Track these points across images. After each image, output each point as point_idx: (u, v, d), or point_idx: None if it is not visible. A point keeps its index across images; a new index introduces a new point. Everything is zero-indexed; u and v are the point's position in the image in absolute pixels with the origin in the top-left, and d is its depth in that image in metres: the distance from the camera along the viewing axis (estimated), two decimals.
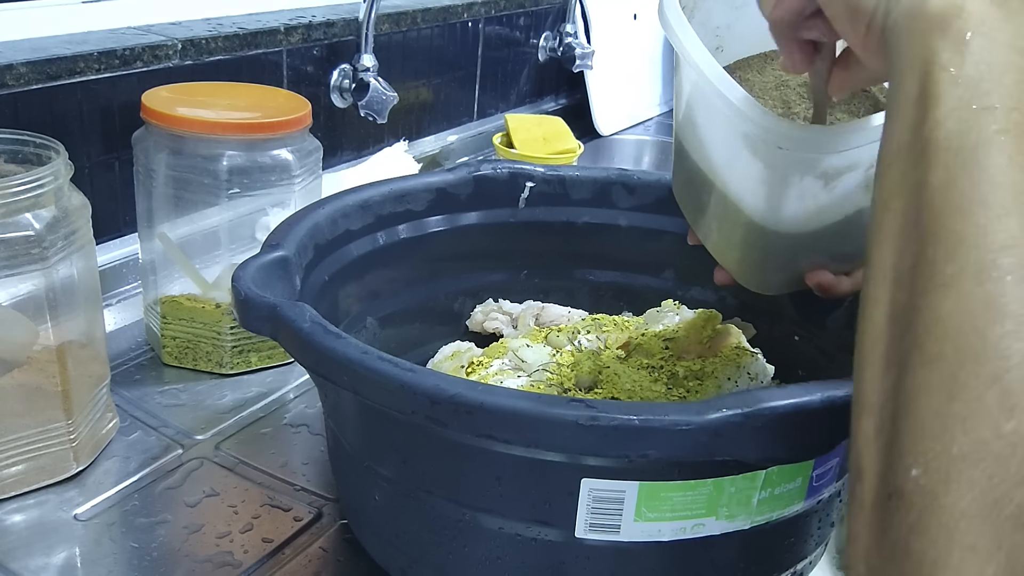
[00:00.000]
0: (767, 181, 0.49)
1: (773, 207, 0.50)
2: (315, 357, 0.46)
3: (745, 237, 0.53)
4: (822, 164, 0.48)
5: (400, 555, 0.53)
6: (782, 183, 0.49)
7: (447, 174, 0.70)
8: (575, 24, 1.45)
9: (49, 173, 0.57)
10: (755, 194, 0.50)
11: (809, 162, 0.48)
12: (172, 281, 0.77)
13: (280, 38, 0.99)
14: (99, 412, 0.65)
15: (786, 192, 0.49)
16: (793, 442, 0.42)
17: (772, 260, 0.54)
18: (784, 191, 0.49)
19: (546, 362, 0.64)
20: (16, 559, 0.55)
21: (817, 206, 0.49)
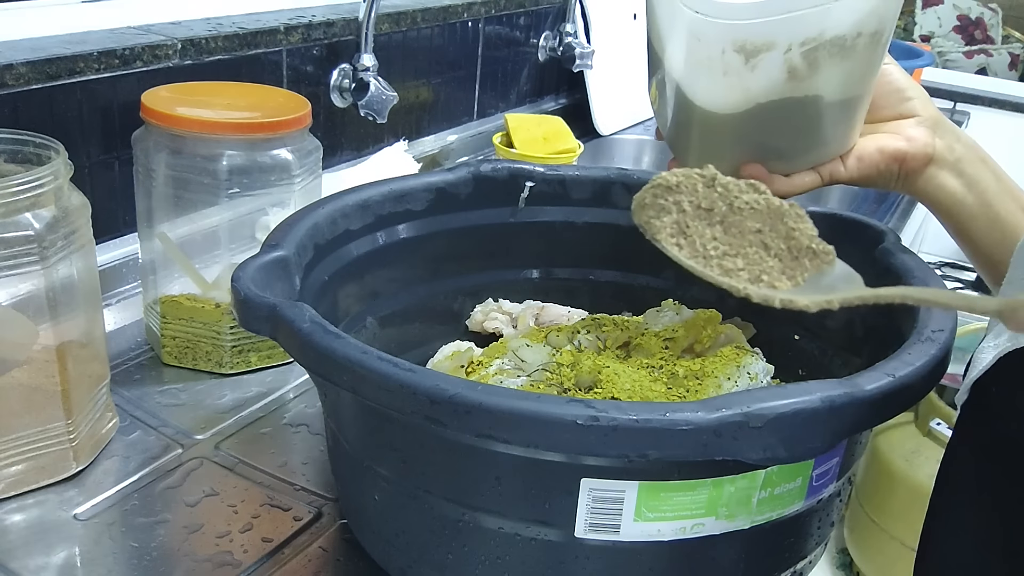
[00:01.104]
0: (696, 54, 0.52)
1: (705, 85, 0.53)
2: (315, 357, 0.46)
3: (688, 120, 0.55)
4: (739, 36, 0.50)
5: (400, 555, 0.53)
6: (708, 56, 0.52)
7: (447, 174, 0.70)
8: (575, 24, 1.45)
9: (49, 173, 0.57)
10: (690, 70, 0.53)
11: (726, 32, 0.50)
12: (172, 281, 0.77)
13: (280, 38, 0.99)
14: (99, 412, 0.65)
15: (713, 66, 0.52)
16: (793, 442, 0.42)
17: (713, 146, 0.56)
18: (711, 65, 0.52)
19: (546, 362, 0.63)
20: (16, 559, 0.55)
21: (743, 86, 0.52)
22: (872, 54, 0.51)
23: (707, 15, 0.50)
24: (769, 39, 0.50)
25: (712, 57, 0.51)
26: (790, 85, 0.51)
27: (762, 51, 0.50)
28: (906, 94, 0.57)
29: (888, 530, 1.42)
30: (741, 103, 0.52)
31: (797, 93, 0.51)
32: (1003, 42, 3.47)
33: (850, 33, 0.49)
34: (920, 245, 1.88)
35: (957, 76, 2.41)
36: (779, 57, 0.50)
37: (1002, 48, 3.43)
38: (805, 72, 0.50)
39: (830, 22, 0.49)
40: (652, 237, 0.51)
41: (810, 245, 0.49)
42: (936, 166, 0.57)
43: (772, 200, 0.50)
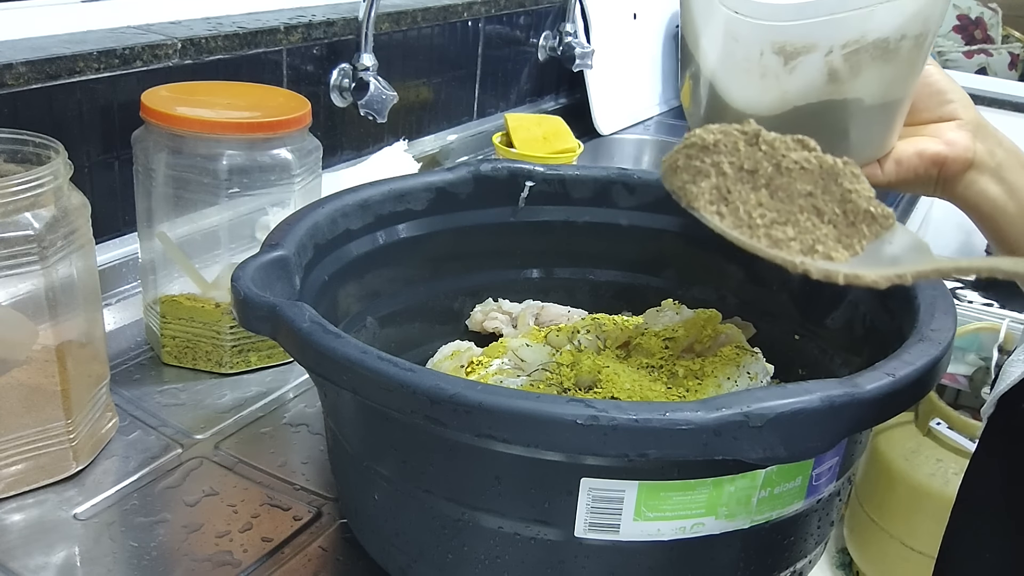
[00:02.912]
0: (733, 55, 0.51)
1: (741, 86, 0.51)
2: (314, 357, 0.46)
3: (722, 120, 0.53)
4: (779, 38, 0.49)
5: (399, 554, 0.53)
6: (745, 57, 0.50)
7: (447, 173, 0.70)
8: (575, 23, 1.45)
9: (48, 173, 0.57)
10: (725, 71, 0.52)
11: (765, 33, 0.49)
12: (172, 281, 0.77)
13: (280, 37, 0.99)
14: (98, 411, 0.65)
15: (750, 68, 0.50)
16: (793, 442, 0.42)
17: None
18: (748, 67, 0.50)
19: (546, 362, 0.63)
20: (16, 558, 0.55)
21: (780, 88, 0.50)
22: (915, 57, 0.50)
23: (746, 15, 0.49)
24: (810, 41, 0.48)
25: (749, 58, 0.50)
26: (829, 88, 0.49)
27: (802, 53, 0.49)
28: (947, 97, 0.55)
29: (888, 529, 1.42)
30: (777, 106, 0.51)
31: (836, 96, 0.50)
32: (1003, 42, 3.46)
33: (893, 36, 0.48)
34: None
35: (957, 76, 2.40)
36: (819, 59, 0.49)
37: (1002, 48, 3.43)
38: (846, 75, 0.49)
39: (873, 24, 0.47)
40: (688, 205, 0.47)
41: (868, 208, 0.45)
42: (976, 171, 0.55)
43: (824, 158, 0.46)
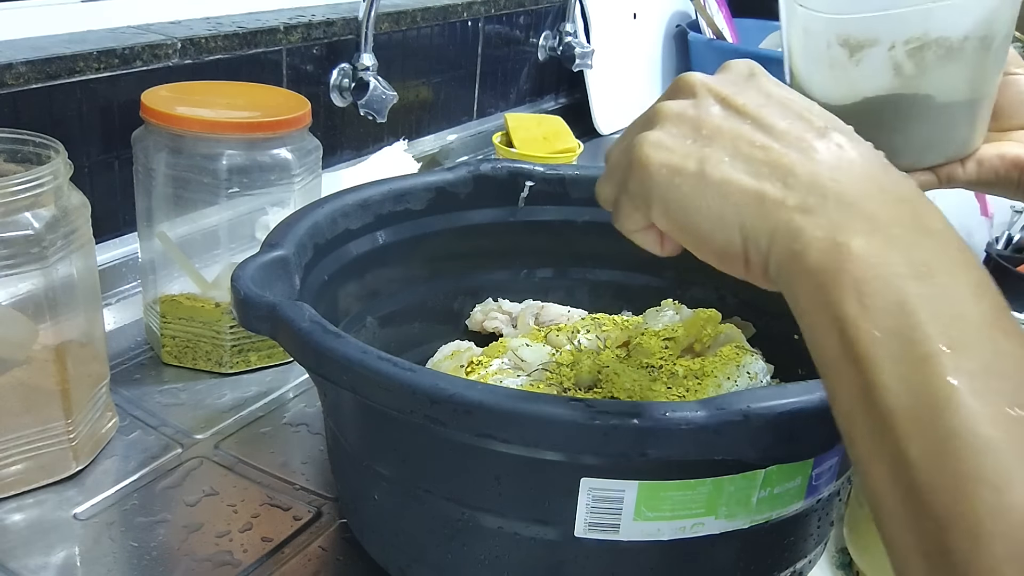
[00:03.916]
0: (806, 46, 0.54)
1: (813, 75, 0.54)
2: (314, 357, 0.46)
3: None
4: (842, 30, 0.51)
5: (399, 554, 0.53)
6: (815, 48, 0.53)
7: (447, 173, 0.70)
8: (575, 23, 1.45)
9: (48, 172, 0.57)
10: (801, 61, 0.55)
11: (829, 25, 0.51)
12: (172, 280, 0.77)
13: (280, 37, 0.99)
14: (98, 411, 0.65)
15: (820, 59, 0.53)
16: (792, 441, 0.42)
17: None
18: (818, 57, 0.53)
19: (546, 361, 0.63)
20: (15, 558, 0.55)
21: (849, 80, 0.52)
22: (983, 59, 0.52)
23: (809, 7, 0.52)
24: (872, 35, 0.50)
25: (819, 49, 0.52)
26: (897, 82, 0.51)
27: (865, 47, 0.51)
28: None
29: None
30: (848, 96, 0.53)
31: (906, 91, 0.52)
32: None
33: (955, 36, 0.50)
34: None
35: None
36: (883, 53, 0.51)
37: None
38: (912, 71, 0.51)
39: (934, 23, 0.50)
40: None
41: None
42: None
43: None
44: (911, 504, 0.28)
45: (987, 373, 0.28)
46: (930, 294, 0.30)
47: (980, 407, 0.28)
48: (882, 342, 0.29)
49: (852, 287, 0.30)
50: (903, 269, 0.30)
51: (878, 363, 0.29)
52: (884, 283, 0.30)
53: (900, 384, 0.29)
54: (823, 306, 0.31)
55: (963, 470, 0.27)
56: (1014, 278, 2.00)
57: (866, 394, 0.30)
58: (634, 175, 0.36)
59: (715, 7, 1.62)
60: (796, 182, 0.33)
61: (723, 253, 0.35)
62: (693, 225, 0.34)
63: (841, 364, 0.30)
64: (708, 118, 0.35)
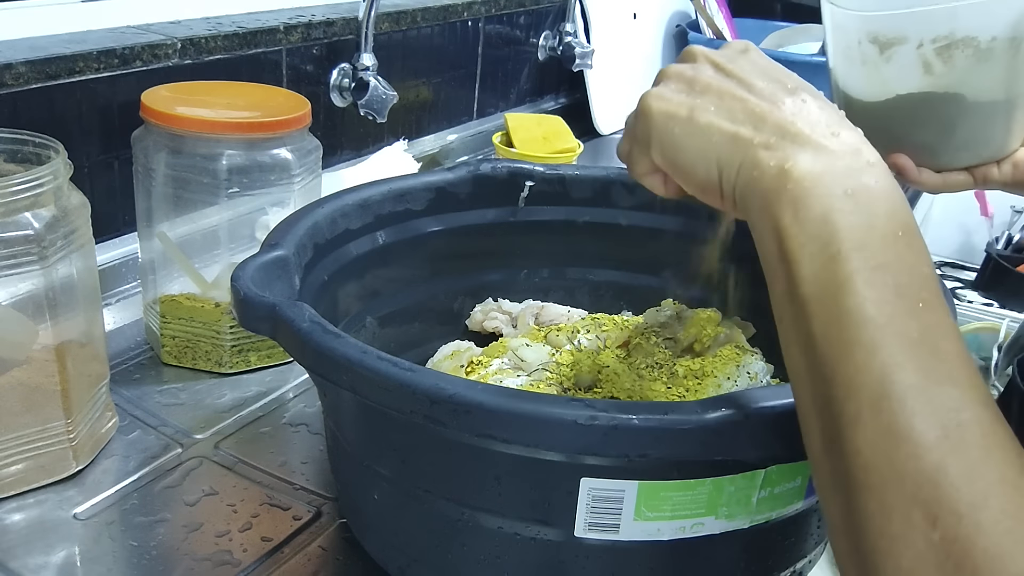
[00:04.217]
0: (839, 43, 0.56)
1: (847, 72, 0.57)
2: (314, 357, 0.46)
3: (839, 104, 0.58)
4: (871, 28, 0.54)
5: (399, 554, 0.53)
6: (847, 46, 0.55)
7: (447, 173, 0.70)
8: (575, 23, 1.45)
9: (48, 172, 0.57)
10: (836, 58, 0.57)
11: (860, 23, 0.54)
12: (171, 280, 0.77)
13: (280, 37, 0.99)
14: (98, 411, 0.65)
15: (851, 55, 0.55)
16: (792, 441, 0.42)
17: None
18: (850, 54, 0.56)
19: (546, 361, 0.63)
20: (16, 558, 0.55)
21: (880, 77, 0.55)
22: (1014, 60, 0.53)
23: (840, 6, 0.54)
24: (900, 33, 0.52)
25: (850, 47, 0.55)
26: (927, 80, 0.53)
27: (894, 44, 0.53)
28: None
29: None
30: (881, 93, 0.55)
31: (936, 89, 0.53)
32: None
33: (983, 36, 0.51)
34: None
35: None
36: (912, 51, 0.52)
37: None
38: (941, 69, 0.52)
39: (960, 23, 0.51)
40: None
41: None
42: None
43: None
44: (811, 368, 0.36)
45: (880, 269, 0.35)
46: (851, 209, 0.36)
47: (868, 292, 0.34)
48: (805, 245, 0.36)
49: (790, 202, 0.37)
50: (833, 189, 0.36)
51: (800, 261, 0.36)
52: (815, 199, 0.36)
53: (812, 276, 0.36)
54: (767, 218, 0.38)
55: (846, 337, 0.34)
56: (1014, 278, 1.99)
57: (790, 286, 0.37)
58: (640, 123, 0.43)
59: (715, 7, 1.62)
60: (763, 125, 0.39)
61: (704, 185, 0.41)
62: (681, 161, 0.41)
63: (776, 264, 0.37)
64: (702, 77, 0.42)
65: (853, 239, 0.35)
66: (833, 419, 0.34)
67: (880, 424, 0.32)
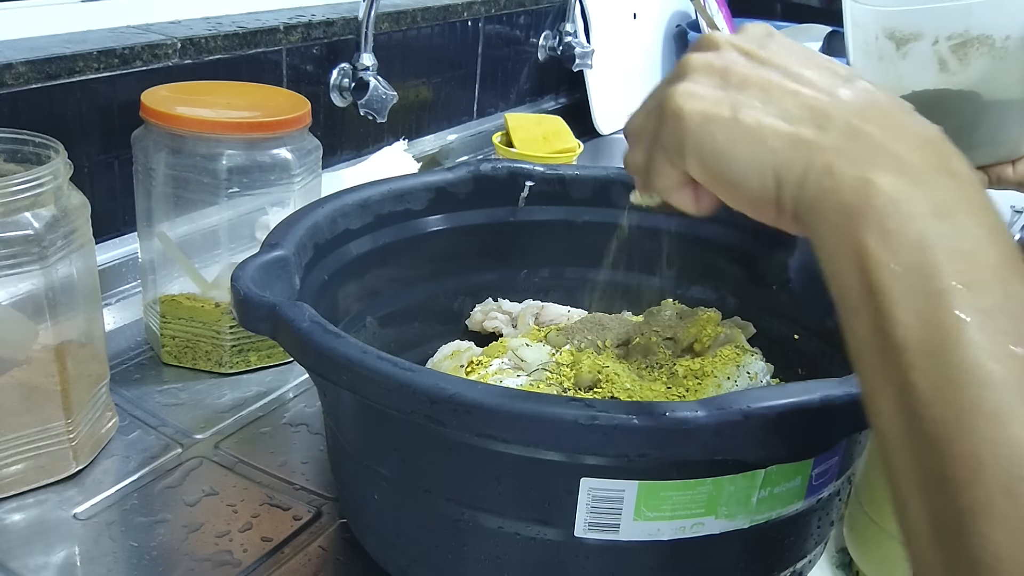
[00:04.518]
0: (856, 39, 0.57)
1: (864, 68, 0.57)
2: (314, 356, 0.46)
3: None
4: (888, 23, 0.54)
5: (399, 554, 0.53)
6: (865, 41, 0.56)
7: (447, 173, 0.70)
8: (575, 23, 1.45)
9: (48, 172, 0.57)
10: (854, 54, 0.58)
11: (876, 18, 0.54)
12: (171, 280, 0.77)
13: (280, 37, 0.99)
14: (98, 411, 0.65)
15: (869, 51, 0.56)
16: (792, 441, 0.42)
17: None
18: (867, 50, 0.56)
19: (546, 361, 0.63)
20: (16, 558, 0.55)
21: (896, 72, 0.55)
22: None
23: (859, 1, 0.55)
24: (916, 29, 0.53)
25: (868, 42, 0.55)
26: (943, 77, 0.54)
27: (910, 40, 0.54)
28: None
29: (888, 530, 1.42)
30: (897, 88, 0.55)
31: (951, 86, 0.54)
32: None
33: (998, 34, 0.51)
34: None
35: None
36: (928, 48, 0.53)
37: None
38: (956, 67, 0.53)
39: (974, 20, 0.52)
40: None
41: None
42: None
43: None
44: (914, 433, 0.29)
45: (996, 312, 0.29)
46: (949, 233, 0.30)
47: (987, 343, 0.29)
48: (899, 276, 0.30)
49: (876, 222, 0.31)
50: (925, 207, 0.31)
51: (894, 296, 0.30)
52: (906, 220, 0.31)
53: (912, 317, 0.30)
54: (847, 240, 0.31)
55: (965, 402, 0.28)
56: None
57: (879, 326, 0.31)
58: (667, 127, 0.36)
59: (715, 7, 1.62)
60: (828, 124, 0.33)
61: (757, 198, 0.35)
62: (728, 172, 0.35)
63: (858, 296, 0.31)
64: (736, 67, 0.36)
65: (959, 272, 0.30)
66: (950, 502, 0.28)
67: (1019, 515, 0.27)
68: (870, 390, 0.32)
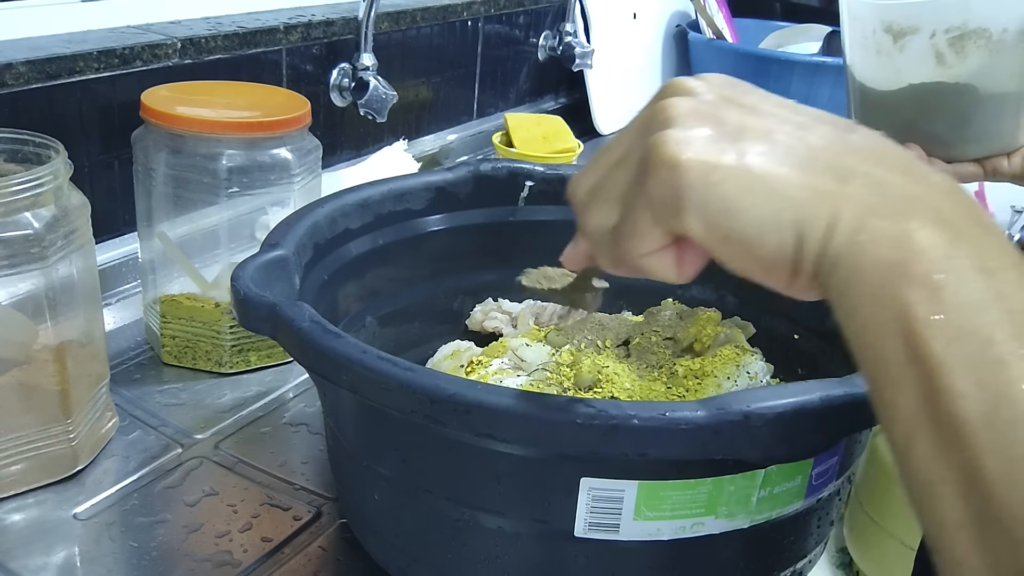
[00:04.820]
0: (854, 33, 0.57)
1: (861, 61, 0.58)
2: (314, 356, 0.46)
3: (852, 94, 0.61)
4: (886, 17, 0.55)
5: (399, 554, 0.53)
6: (863, 35, 0.56)
7: (447, 173, 0.70)
8: (575, 23, 1.45)
9: (48, 172, 0.57)
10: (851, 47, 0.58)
11: (874, 12, 0.55)
12: (171, 280, 0.77)
13: (279, 37, 0.99)
14: (98, 411, 0.65)
15: (866, 44, 0.56)
16: (792, 441, 0.42)
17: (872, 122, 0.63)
18: (865, 43, 0.56)
19: (545, 361, 0.63)
20: (15, 558, 0.55)
21: (894, 66, 0.56)
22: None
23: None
24: (913, 22, 0.54)
25: (866, 36, 0.56)
26: (940, 70, 0.54)
27: (908, 33, 0.54)
28: None
29: (888, 529, 1.42)
30: (894, 82, 0.56)
31: (948, 79, 0.54)
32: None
33: (995, 27, 0.52)
34: None
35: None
36: (925, 41, 0.54)
37: None
38: (953, 60, 0.53)
39: (972, 14, 0.52)
40: None
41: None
42: None
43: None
44: (983, 521, 0.26)
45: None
46: (998, 291, 0.27)
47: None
48: (956, 341, 0.27)
49: (922, 282, 0.27)
50: (972, 263, 0.27)
51: (950, 365, 0.27)
52: (956, 278, 0.27)
53: (975, 389, 0.26)
54: (887, 302, 0.28)
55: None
56: None
57: (934, 400, 0.27)
58: (658, 180, 0.31)
59: (715, 7, 1.62)
60: (849, 172, 0.29)
61: (772, 258, 0.31)
62: (739, 228, 0.30)
63: (903, 367, 0.28)
64: (727, 114, 0.31)
65: (1017, 336, 0.26)
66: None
67: None
68: (921, 475, 0.28)
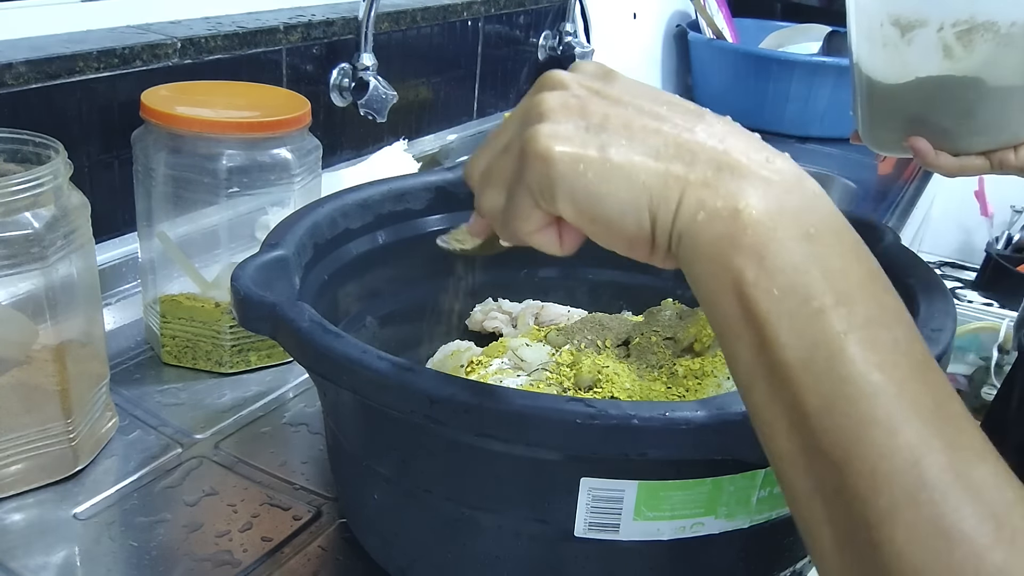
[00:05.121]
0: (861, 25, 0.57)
1: (868, 54, 0.58)
2: (314, 356, 0.46)
3: (859, 87, 0.61)
4: (893, 9, 0.55)
5: (399, 554, 0.53)
6: (870, 27, 0.57)
7: (446, 173, 0.70)
8: (575, 23, 1.45)
9: (48, 172, 0.57)
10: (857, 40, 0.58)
11: (882, 5, 0.55)
12: (171, 280, 0.77)
13: (279, 37, 0.99)
14: (98, 411, 0.65)
15: (873, 37, 0.57)
16: None
17: (880, 115, 0.61)
18: (872, 36, 0.57)
19: (545, 361, 0.63)
20: (15, 558, 0.55)
21: (901, 59, 0.56)
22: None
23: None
24: (921, 16, 0.54)
25: (873, 29, 0.56)
26: (947, 64, 0.54)
27: (916, 27, 0.54)
28: None
29: None
30: (901, 75, 0.56)
31: (956, 73, 0.54)
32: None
33: (1003, 21, 0.52)
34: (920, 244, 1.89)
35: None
36: (933, 35, 0.54)
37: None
38: (961, 53, 0.53)
39: (980, 7, 0.53)
40: None
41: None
42: None
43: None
44: (809, 451, 0.30)
45: (873, 324, 0.30)
46: (819, 253, 0.31)
47: (869, 355, 0.30)
48: (779, 300, 0.31)
49: (752, 251, 0.31)
50: (794, 232, 0.32)
51: (775, 320, 0.31)
52: (780, 244, 0.31)
53: (796, 338, 0.31)
54: (723, 271, 0.32)
55: (856, 414, 0.29)
56: (1014, 278, 1.99)
57: (764, 351, 0.31)
58: (534, 169, 0.35)
59: (715, 7, 1.62)
60: (694, 158, 0.33)
61: (632, 236, 0.35)
62: (603, 211, 0.34)
63: (740, 326, 0.32)
64: (593, 107, 0.36)
65: (835, 290, 0.31)
66: (853, 513, 0.29)
67: (924, 521, 0.28)
68: (760, 414, 0.32)
